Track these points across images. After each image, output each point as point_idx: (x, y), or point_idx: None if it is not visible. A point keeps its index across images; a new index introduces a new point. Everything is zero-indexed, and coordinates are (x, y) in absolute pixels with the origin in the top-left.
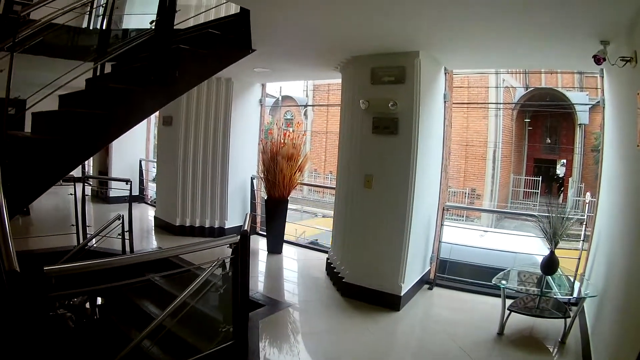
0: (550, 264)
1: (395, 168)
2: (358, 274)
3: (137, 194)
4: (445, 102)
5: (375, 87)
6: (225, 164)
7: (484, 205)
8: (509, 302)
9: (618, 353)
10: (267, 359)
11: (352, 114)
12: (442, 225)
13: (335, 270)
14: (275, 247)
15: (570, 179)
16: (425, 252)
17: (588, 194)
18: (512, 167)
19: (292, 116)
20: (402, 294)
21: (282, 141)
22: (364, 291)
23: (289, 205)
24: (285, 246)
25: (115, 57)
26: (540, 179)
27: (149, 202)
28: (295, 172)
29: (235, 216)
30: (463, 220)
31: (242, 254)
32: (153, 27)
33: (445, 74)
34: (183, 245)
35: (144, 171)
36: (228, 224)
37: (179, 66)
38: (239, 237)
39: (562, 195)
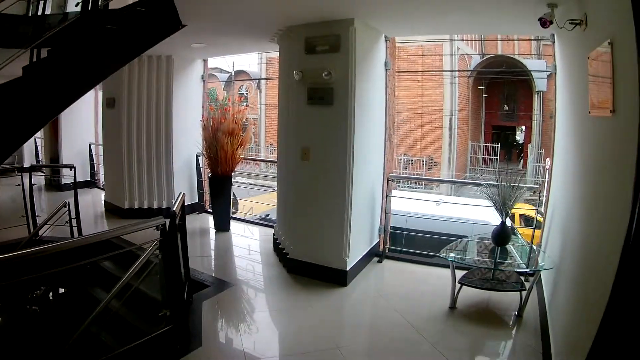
0: (501, 235)
1: (332, 139)
2: (302, 249)
3: (89, 179)
4: (386, 70)
5: (310, 57)
6: (170, 142)
7: (442, 173)
8: (460, 274)
9: (574, 329)
10: (208, 342)
11: (288, 85)
12: (387, 196)
13: (280, 246)
14: (222, 225)
15: (529, 145)
16: (372, 225)
17: (548, 160)
18: (469, 135)
19: (247, 91)
20: (347, 269)
21: (222, 117)
22: (310, 267)
23: (246, 181)
24: (233, 223)
25: (50, 41)
26: (499, 145)
27: (101, 186)
28: (237, 148)
29: None
30: (422, 188)
31: (170, 235)
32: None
33: (386, 41)
34: (107, 231)
35: (94, 155)
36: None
37: (106, 46)
38: (165, 219)
39: (522, 161)
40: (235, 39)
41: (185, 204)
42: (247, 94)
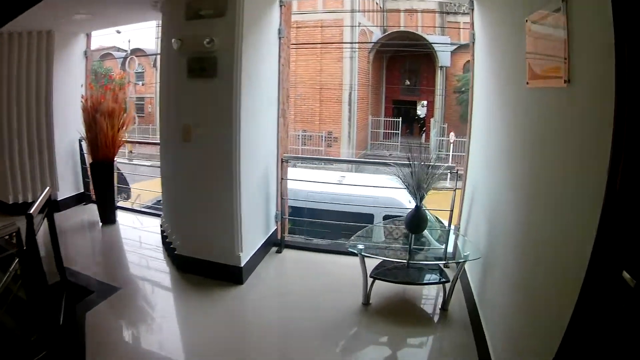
0: (416, 222)
1: (216, 116)
2: (190, 244)
3: None
4: (280, 38)
5: (191, 23)
6: (51, 127)
7: (342, 149)
8: (372, 264)
9: (519, 329)
10: None
11: (167, 57)
12: (282, 179)
13: (167, 240)
14: (108, 217)
15: (432, 119)
16: (267, 211)
17: (452, 134)
18: (370, 109)
19: (144, 69)
20: (242, 265)
21: (102, 95)
22: (200, 264)
23: (145, 164)
24: (122, 214)
25: None
26: (401, 120)
27: None
28: (118, 130)
29: (67, 186)
30: (322, 163)
31: (28, 245)
32: None
33: (281, 6)
34: None
35: None
36: (60, 195)
37: None
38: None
39: (424, 135)
40: (118, 7)
41: (71, 194)
42: (144, 71)
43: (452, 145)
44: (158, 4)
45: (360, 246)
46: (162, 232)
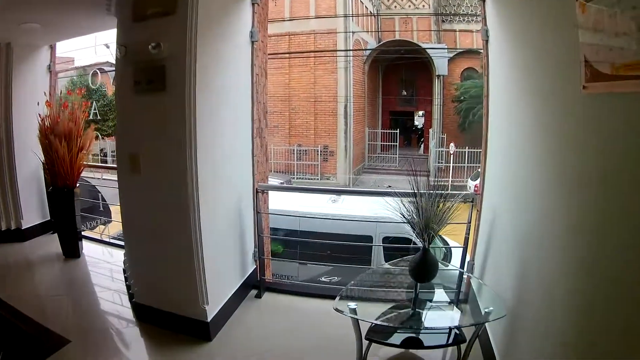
0: (422, 269)
1: (167, 140)
2: (150, 291)
3: None
4: (252, 42)
5: (139, 25)
6: (11, 150)
7: (339, 162)
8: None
9: None
10: None
11: (118, 69)
12: (258, 212)
13: (127, 283)
14: (71, 250)
15: (430, 130)
16: (242, 250)
17: (452, 144)
18: (366, 122)
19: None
20: (209, 320)
21: (58, 115)
22: (163, 316)
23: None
24: (89, 245)
25: None
26: (398, 131)
27: None
28: (77, 153)
29: (32, 213)
30: (317, 178)
31: None
32: None
33: (253, 5)
34: None
35: None
36: (25, 224)
37: None
38: None
39: (422, 146)
40: (69, 15)
41: (37, 222)
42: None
43: (452, 156)
44: (112, 8)
45: (352, 305)
46: (124, 270)
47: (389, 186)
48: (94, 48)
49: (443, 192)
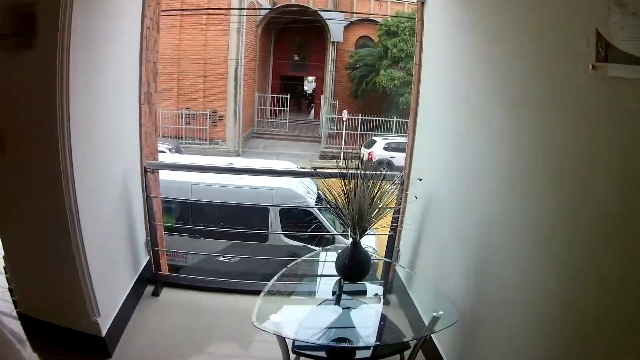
0: (354, 267)
1: (35, 111)
2: (34, 302)
3: None
4: None
5: None
6: None
7: (228, 127)
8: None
9: None
10: None
11: None
12: (148, 196)
13: (9, 287)
14: None
15: (322, 96)
16: (132, 241)
17: (345, 111)
18: (256, 85)
19: None
20: (104, 335)
21: None
22: (51, 329)
23: None
24: None
25: None
26: (289, 96)
27: None
28: None
29: None
30: (207, 144)
31: None
32: None
33: None
34: None
35: None
36: None
37: None
38: None
39: (312, 111)
40: None
41: None
42: None
43: (344, 123)
44: None
45: (275, 322)
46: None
47: (314, 168)
48: None
49: (377, 172)
